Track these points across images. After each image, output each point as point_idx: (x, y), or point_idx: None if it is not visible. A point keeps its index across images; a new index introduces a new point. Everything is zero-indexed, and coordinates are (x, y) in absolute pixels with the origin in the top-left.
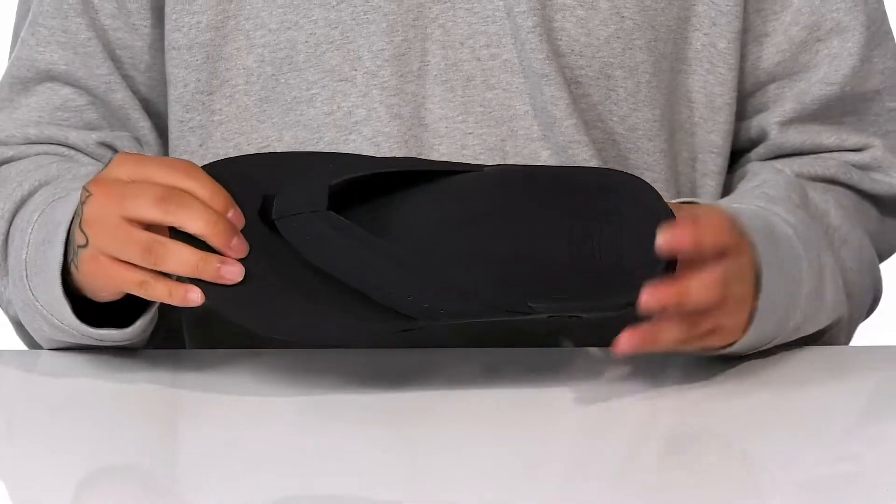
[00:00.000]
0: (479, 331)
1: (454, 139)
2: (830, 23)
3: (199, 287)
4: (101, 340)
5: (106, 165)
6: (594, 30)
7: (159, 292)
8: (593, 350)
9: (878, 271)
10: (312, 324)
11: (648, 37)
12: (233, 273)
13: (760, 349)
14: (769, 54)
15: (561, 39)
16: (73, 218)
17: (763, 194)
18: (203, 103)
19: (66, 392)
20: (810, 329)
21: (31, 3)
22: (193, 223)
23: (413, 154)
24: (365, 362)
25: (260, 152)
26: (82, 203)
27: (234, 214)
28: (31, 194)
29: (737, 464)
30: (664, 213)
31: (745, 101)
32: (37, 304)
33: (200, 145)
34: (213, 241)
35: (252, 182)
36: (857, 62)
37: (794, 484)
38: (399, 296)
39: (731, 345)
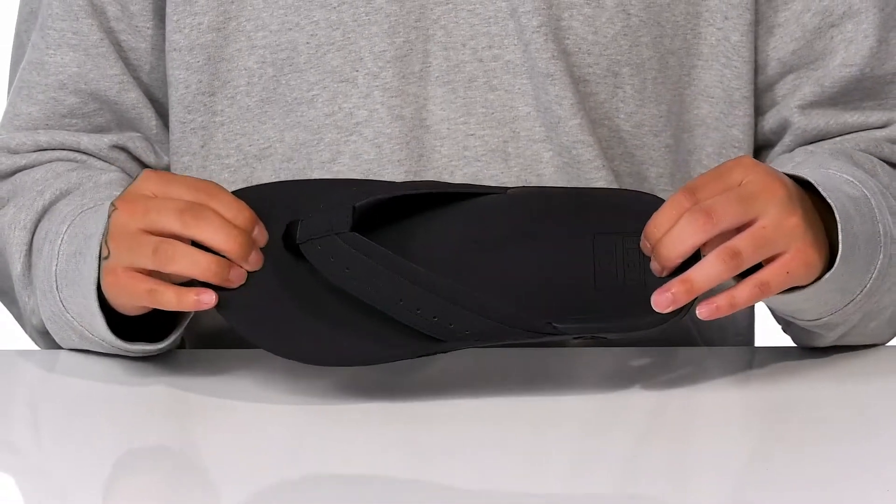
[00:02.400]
0: None
1: (456, 140)
2: (842, 7)
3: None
4: (130, 351)
5: (133, 181)
6: (601, 28)
7: (168, 298)
8: (595, 350)
9: None
10: (332, 346)
11: (655, 33)
12: (240, 276)
13: (853, 302)
14: (783, 44)
15: (568, 38)
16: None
17: (808, 162)
18: (205, 104)
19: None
20: (894, 271)
21: (32, 3)
22: (213, 236)
23: (415, 156)
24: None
25: (284, 180)
26: (109, 217)
27: (259, 232)
28: (52, 204)
29: (737, 464)
30: None
31: (763, 95)
32: (67, 315)
33: (202, 146)
34: (232, 254)
35: (276, 208)
36: (874, 43)
37: (794, 484)
38: (424, 317)
39: (819, 278)
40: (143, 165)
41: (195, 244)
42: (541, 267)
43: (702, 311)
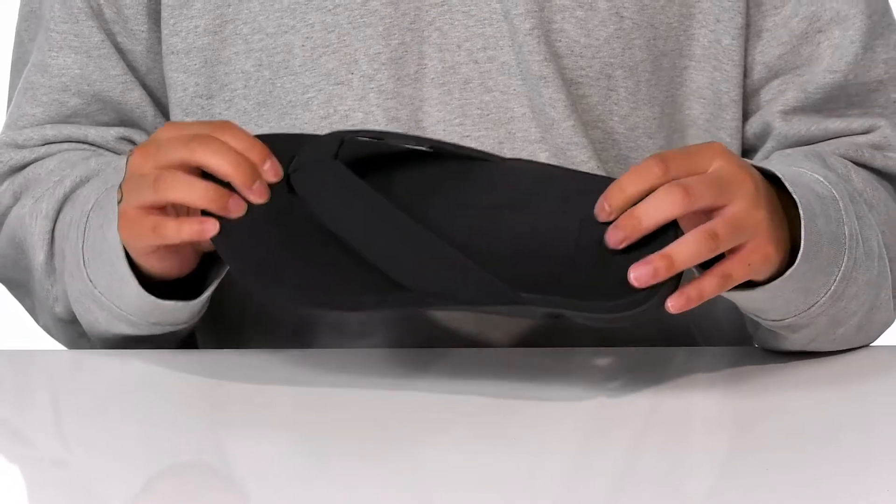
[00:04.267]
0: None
1: (451, 142)
2: (830, 13)
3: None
4: (158, 322)
5: None
6: (593, 30)
7: (169, 230)
8: (595, 350)
9: None
10: (308, 290)
11: (648, 35)
12: (239, 206)
13: (817, 304)
14: (770, 48)
15: (560, 41)
16: None
17: (781, 161)
18: (202, 107)
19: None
20: (862, 277)
21: (32, 3)
22: (218, 161)
23: None
24: (365, 361)
25: (282, 132)
26: (126, 165)
27: (271, 166)
28: (74, 190)
29: (737, 464)
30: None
31: (749, 99)
32: (95, 291)
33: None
34: (237, 180)
35: (277, 155)
36: (859, 49)
37: (794, 485)
38: (389, 258)
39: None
40: None
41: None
42: (519, 239)
43: (674, 304)
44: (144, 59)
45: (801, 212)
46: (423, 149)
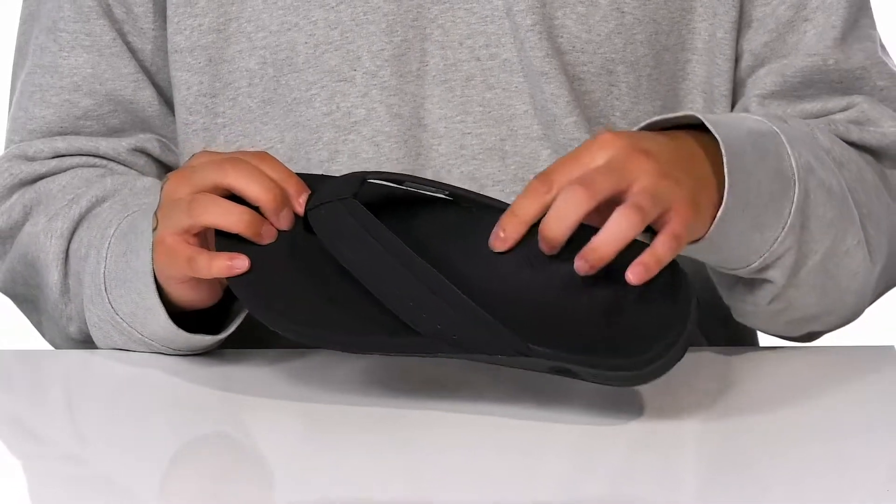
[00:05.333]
0: None
1: (453, 139)
2: (816, 1)
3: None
4: (180, 349)
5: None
6: (595, 26)
7: (201, 264)
8: None
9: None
10: (314, 328)
11: (649, 30)
12: (270, 233)
13: (778, 241)
14: (758, 35)
15: (562, 37)
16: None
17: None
18: (206, 106)
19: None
20: (824, 213)
21: (31, 6)
22: (249, 184)
23: (412, 154)
24: (365, 364)
25: (304, 172)
26: (161, 190)
27: (302, 201)
28: (90, 210)
29: (737, 464)
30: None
31: (739, 88)
32: (117, 317)
33: (204, 148)
34: (267, 204)
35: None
36: (838, 34)
37: (790, 488)
38: (401, 298)
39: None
40: (163, 166)
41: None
42: (531, 291)
43: (634, 274)
44: (154, 57)
45: (722, 149)
46: (442, 195)
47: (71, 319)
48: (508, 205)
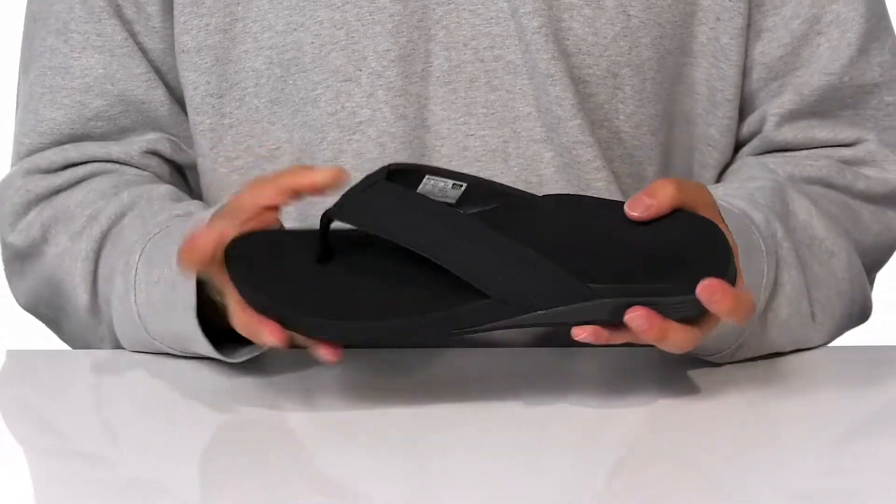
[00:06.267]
0: None
1: (456, 141)
2: (830, 15)
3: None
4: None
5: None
6: (601, 29)
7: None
8: (594, 350)
9: (866, 285)
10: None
11: (654, 34)
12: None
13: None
14: (771, 49)
15: (568, 39)
16: None
17: (748, 196)
18: (213, 106)
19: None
20: (777, 337)
21: (33, 7)
22: (306, 171)
23: (416, 155)
24: (366, 361)
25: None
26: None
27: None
28: (111, 228)
29: (737, 464)
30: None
31: (750, 99)
32: (155, 342)
33: (211, 148)
34: (334, 181)
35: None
36: (854, 52)
37: (790, 488)
38: (465, 262)
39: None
40: (176, 166)
41: None
42: (580, 238)
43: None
44: (165, 57)
45: None
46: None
47: (103, 340)
48: (526, 192)
